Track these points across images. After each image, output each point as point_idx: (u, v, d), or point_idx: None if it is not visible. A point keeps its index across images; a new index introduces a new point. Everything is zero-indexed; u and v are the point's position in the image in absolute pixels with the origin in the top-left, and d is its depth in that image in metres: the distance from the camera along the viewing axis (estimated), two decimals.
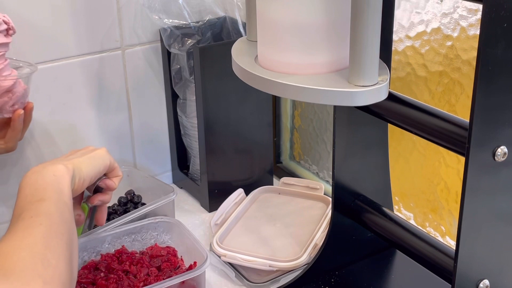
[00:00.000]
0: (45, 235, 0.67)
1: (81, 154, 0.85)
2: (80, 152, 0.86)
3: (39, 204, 0.71)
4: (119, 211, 1.08)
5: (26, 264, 0.63)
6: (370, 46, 0.60)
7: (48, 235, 0.68)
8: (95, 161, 0.85)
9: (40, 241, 0.66)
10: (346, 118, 0.86)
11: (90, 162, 0.84)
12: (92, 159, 0.85)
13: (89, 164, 0.84)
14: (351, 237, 0.95)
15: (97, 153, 0.87)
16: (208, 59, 1.05)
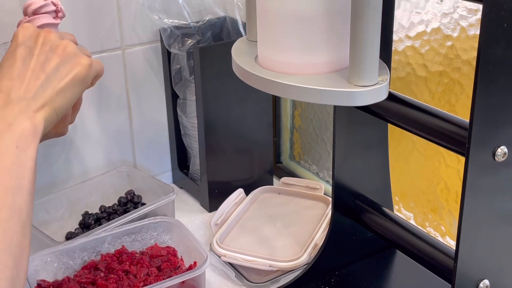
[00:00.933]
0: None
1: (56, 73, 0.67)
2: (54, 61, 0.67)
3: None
4: (119, 211, 1.08)
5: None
6: (370, 46, 0.60)
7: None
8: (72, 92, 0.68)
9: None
10: (346, 118, 0.86)
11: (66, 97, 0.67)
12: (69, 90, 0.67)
13: (65, 99, 0.67)
14: (351, 237, 0.95)
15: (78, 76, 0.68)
16: (208, 59, 1.05)
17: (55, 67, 0.67)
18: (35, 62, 0.66)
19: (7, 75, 0.65)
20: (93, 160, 1.14)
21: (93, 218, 1.06)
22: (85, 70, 0.69)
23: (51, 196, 1.06)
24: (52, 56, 0.67)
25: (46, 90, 0.65)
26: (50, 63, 0.67)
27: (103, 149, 1.15)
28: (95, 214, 1.08)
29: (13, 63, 0.66)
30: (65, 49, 0.68)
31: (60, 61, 0.67)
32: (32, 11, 0.84)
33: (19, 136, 0.61)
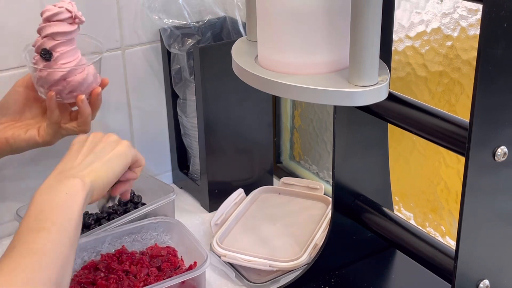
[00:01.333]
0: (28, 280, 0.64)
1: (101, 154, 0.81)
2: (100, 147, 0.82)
3: (36, 235, 0.68)
4: (119, 211, 1.08)
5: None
6: (370, 46, 0.60)
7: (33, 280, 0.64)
8: (116, 163, 0.81)
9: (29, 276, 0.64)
10: (346, 118, 0.86)
11: (111, 166, 0.81)
12: (113, 161, 0.81)
13: (110, 169, 0.80)
14: (351, 237, 0.95)
15: (119, 151, 0.83)
16: (208, 59, 1.05)
17: (101, 148, 0.82)
18: (86, 148, 0.82)
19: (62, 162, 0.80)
20: None
21: (93, 218, 1.06)
22: (124, 147, 0.83)
23: None
24: (98, 143, 0.83)
25: (93, 162, 0.79)
26: (97, 147, 0.82)
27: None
28: (95, 214, 1.08)
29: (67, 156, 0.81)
30: (108, 137, 0.84)
31: (105, 144, 0.83)
32: (45, 18, 0.88)
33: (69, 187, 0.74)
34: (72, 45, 0.91)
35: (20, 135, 0.94)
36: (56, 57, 0.89)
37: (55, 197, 0.72)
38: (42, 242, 0.67)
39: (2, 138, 0.94)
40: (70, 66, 0.90)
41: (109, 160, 0.81)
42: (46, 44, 0.89)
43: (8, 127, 0.95)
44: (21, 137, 0.94)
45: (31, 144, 0.95)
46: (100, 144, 0.83)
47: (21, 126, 0.96)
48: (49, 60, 0.89)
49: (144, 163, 0.89)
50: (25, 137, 0.94)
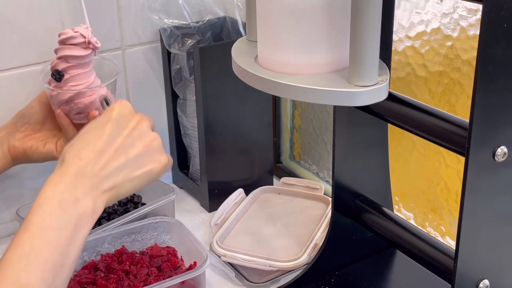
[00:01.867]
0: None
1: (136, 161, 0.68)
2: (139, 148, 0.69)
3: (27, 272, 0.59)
4: (119, 211, 1.08)
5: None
6: (370, 46, 0.60)
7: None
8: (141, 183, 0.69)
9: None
10: (346, 118, 0.86)
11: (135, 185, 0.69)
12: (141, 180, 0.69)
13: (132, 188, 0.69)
14: (351, 237, 0.95)
15: (152, 171, 0.70)
16: (208, 59, 1.05)
17: (137, 155, 0.69)
18: (121, 143, 0.68)
19: (91, 145, 0.67)
20: None
21: None
22: (160, 167, 0.71)
23: None
24: (138, 143, 0.69)
25: (120, 174, 0.67)
26: (134, 149, 0.69)
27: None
28: None
29: (100, 135, 0.68)
30: (152, 141, 0.71)
31: (144, 151, 0.69)
32: (60, 40, 0.91)
33: (81, 215, 0.63)
34: (85, 68, 0.93)
35: (39, 148, 0.95)
36: (66, 79, 0.92)
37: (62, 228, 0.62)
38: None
39: (21, 149, 0.95)
40: (78, 89, 0.92)
41: (137, 178, 0.69)
42: (59, 65, 0.92)
43: (27, 138, 0.96)
44: (39, 150, 0.95)
45: (48, 158, 0.96)
46: (139, 146, 0.70)
47: (40, 137, 0.97)
48: (59, 81, 0.92)
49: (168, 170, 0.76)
50: (43, 150, 0.95)
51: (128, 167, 0.68)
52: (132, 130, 0.70)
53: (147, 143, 0.71)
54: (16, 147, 0.95)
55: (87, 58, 0.92)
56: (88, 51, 0.92)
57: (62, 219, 0.62)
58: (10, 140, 0.95)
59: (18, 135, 0.96)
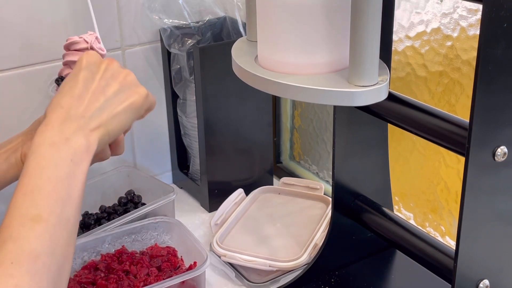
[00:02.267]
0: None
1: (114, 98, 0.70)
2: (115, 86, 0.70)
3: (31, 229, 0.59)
4: (119, 211, 1.08)
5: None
6: (370, 46, 0.60)
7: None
8: (127, 116, 0.71)
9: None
10: (346, 118, 0.86)
11: (120, 120, 0.70)
12: (125, 114, 0.70)
13: (119, 124, 0.70)
14: (351, 237, 0.95)
15: (133, 104, 0.71)
16: (208, 59, 1.05)
17: (115, 92, 0.70)
18: (96, 85, 0.70)
19: (69, 93, 0.69)
20: None
21: (93, 218, 1.06)
22: (141, 99, 0.72)
23: None
24: (112, 82, 0.71)
25: (103, 112, 0.69)
26: (110, 88, 0.70)
27: None
28: (95, 214, 1.08)
29: (75, 84, 0.70)
30: (125, 77, 0.72)
31: (120, 87, 0.71)
32: (65, 46, 0.90)
33: (74, 150, 0.65)
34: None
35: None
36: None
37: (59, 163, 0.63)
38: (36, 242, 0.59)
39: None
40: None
41: (121, 113, 0.70)
42: (64, 71, 0.91)
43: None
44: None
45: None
46: (114, 85, 0.71)
47: None
48: None
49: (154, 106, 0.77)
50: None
51: (109, 104, 0.69)
52: (104, 72, 0.71)
53: (122, 80, 0.72)
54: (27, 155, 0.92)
55: None
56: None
57: (56, 157, 0.64)
58: (24, 147, 0.92)
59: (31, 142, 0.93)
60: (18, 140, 0.91)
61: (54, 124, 0.66)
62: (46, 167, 0.63)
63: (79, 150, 0.65)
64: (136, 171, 1.17)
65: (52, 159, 0.64)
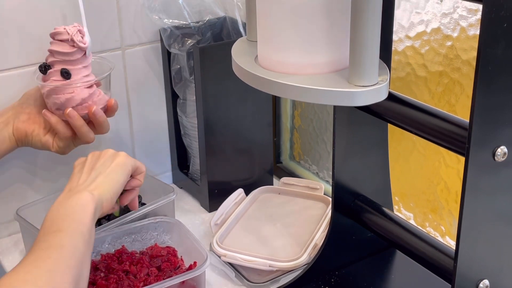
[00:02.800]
0: (51, 269, 0.69)
1: (102, 168, 0.86)
2: (100, 162, 0.87)
3: (54, 235, 0.73)
4: None
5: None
6: (370, 46, 0.60)
7: (55, 269, 0.69)
8: (117, 174, 0.86)
9: (45, 275, 0.68)
10: (346, 118, 0.86)
11: (113, 178, 0.85)
12: (115, 173, 0.86)
13: (113, 181, 0.85)
14: (351, 237, 0.95)
15: (118, 163, 0.87)
16: (208, 59, 1.05)
17: (101, 164, 0.87)
18: (87, 167, 0.87)
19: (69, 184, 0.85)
20: None
21: None
22: (123, 157, 0.88)
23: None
24: (97, 160, 0.88)
25: (97, 177, 0.84)
26: (97, 163, 0.87)
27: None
28: None
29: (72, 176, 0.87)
30: (106, 153, 0.89)
31: (104, 160, 0.87)
32: (50, 34, 0.94)
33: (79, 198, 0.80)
34: (72, 65, 0.94)
35: (39, 135, 0.97)
36: (50, 73, 0.94)
37: (67, 208, 0.78)
38: (59, 239, 0.72)
39: (23, 131, 0.97)
40: (54, 84, 0.93)
41: (111, 172, 0.86)
42: (48, 59, 0.94)
43: (31, 120, 0.98)
44: (39, 138, 0.97)
45: (45, 148, 0.99)
46: (100, 161, 0.87)
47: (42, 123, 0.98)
48: (44, 73, 0.94)
49: (144, 169, 0.92)
50: (42, 139, 0.97)
51: (99, 172, 0.85)
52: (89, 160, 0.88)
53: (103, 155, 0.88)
54: (19, 128, 0.97)
55: (72, 55, 0.93)
56: (73, 49, 0.92)
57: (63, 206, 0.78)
58: (16, 121, 0.97)
59: (22, 116, 0.97)
60: (8, 114, 0.99)
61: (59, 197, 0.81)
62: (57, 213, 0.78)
63: (83, 199, 0.79)
64: None
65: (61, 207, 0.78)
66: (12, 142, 0.97)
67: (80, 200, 0.79)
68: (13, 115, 0.98)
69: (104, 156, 0.88)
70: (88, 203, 0.79)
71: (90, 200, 0.79)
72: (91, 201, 0.79)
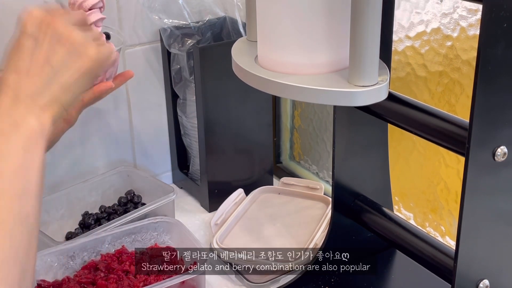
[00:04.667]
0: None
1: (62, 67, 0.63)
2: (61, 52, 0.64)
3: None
4: (119, 211, 1.08)
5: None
6: (370, 46, 0.60)
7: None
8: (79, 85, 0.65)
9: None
10: (346, 118, 0.86)
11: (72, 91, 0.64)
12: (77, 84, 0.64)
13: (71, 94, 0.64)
14: (351, 237, 0.95)
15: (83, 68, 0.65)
16: (208, 59, 1.05)
17: (61, 59, 0.64)
18: (41, 54, 0.63)
19: (14, 68, 0.62)
20: (93, 160, 1.14)
21: (93, 218, 1.06)
22: (91, 62, 0.65)
23: (51, 196, 1.06)
24: (58, 47, 0.64)
25: (53, 85, 0.63)
26: (56, 55, 0.63)
27: (103, 149, 1.15)
28: (95, 214, 1.08)
29: (20, 55, 0.63)
30: (70, 38, 0.64)
31: (66, 52, 0.64)
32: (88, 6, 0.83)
33: (26, 137, 0.59)
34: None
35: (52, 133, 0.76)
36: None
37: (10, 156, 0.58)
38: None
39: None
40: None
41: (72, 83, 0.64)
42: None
43: None
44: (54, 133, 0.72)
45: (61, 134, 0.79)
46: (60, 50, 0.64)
47: None
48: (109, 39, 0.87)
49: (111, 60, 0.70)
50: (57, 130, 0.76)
51: (58, 75, 0.63)
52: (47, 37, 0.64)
53: (67, 42, 0.64)
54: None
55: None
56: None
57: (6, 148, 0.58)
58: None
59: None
60: None
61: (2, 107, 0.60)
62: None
63: (31, 136, 0.59)
64: (136, 171, 1.17)
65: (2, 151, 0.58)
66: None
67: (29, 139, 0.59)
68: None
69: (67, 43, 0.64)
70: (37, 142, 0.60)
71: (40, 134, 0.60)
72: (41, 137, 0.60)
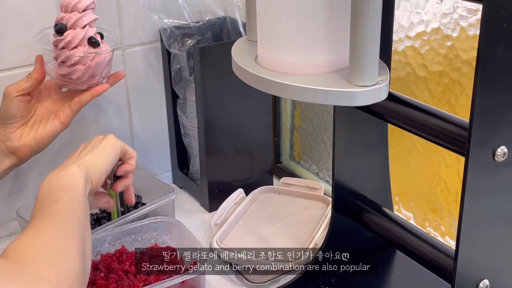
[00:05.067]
0: (58, 229, 0.71)
1: (91, 148, 0.87)
2: (90, 145, 0.88)
3: (52, 204, 0.74)
4: None
5: (40, 254, 0.66)
6: (370, 46, 0.60)
7: (61, 230, 0.71)
8: (105, 152, 0.87)
9: (54, 233, 0.70)
10: (346, 118, 0.86)
11: (101, 155, 0.87)
12: (103, 151, 0.87)
13: (101, 158, 0.86)
14: (351, 237, 0.95)
15: (106, 143, 0.89)
16: (208, 59, 1.05)
17: (89, 147, 0.88)
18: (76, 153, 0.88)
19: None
20: None
21: (93, 218, 1.06)
22: (111, 139, 0.90)
23: None
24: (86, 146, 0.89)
25: (85, 156, 0.85)
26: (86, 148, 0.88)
27: None
28: (95, 214, 1.08)
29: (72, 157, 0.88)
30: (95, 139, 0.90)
31: (93, 144, 0.89)
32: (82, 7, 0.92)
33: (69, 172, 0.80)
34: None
35: (43, 135, 0.96)
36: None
37: (58, 180, 0.78)
38: (58, 207, 0.74)
39: (26, 147, 0.95)
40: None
41: (99, 151, 0.87)
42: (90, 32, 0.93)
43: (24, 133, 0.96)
44: (44, 135, 0.96)
45: (54, 136, 0.98)
46: (89, 145, 0.89)
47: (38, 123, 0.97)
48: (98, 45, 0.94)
49: (135, 154, 0.94)
50: (48, 132, 0.97)
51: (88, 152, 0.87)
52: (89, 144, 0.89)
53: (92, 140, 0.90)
54: (19, 148, 0.95)
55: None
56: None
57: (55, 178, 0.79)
58: (7, 144, 0.94)
59: (13, 136, 0.95)
60: None
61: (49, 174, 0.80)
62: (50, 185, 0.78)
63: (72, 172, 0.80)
64: (136, 171, 1.16)
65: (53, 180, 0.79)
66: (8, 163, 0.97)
67: (69, 173, 0.80)
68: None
69: (93, 141, 0.90)
70: (78, 174, 0.80)
71: (79, 172, 0.80)
72: (80, 173, 0.80)
